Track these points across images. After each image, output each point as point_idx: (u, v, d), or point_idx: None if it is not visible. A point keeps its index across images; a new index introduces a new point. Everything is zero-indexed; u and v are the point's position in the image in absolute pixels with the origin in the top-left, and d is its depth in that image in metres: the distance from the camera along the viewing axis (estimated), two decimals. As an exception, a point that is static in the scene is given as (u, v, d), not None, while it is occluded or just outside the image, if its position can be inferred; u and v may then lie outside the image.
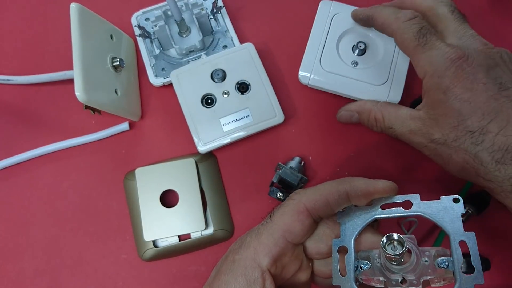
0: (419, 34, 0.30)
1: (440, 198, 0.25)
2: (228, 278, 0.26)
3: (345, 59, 0.42)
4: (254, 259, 0.26)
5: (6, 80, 0.44)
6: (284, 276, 0.28)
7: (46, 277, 0.40)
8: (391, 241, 0.23)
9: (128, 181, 0.41)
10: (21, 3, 0.48)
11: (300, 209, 0.27)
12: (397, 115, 0.33)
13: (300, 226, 0.26)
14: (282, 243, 0.26)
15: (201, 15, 0.43)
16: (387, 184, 0.27)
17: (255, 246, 0.26)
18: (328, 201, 0.27)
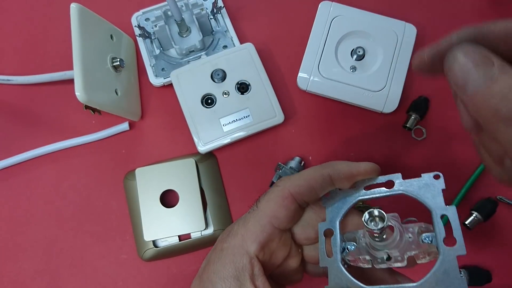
0: None
1: (421, 176, 0.25)
2: (217, 266, 0.26)
3: (344, 65, 0.42)
4: (242, 246, 0.26)
5: (6, 80, 0.44)
6: (274, 263, 0.28)
7: (46, 277, 0.40)
8: (373, 217, 0.23)
9: (128, 181, 0.41)
10: (21, 3, 0.48)
11: (285, 195, 0.27)
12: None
13: (286, 212, 0.26)
14: (269, 229, 0.26)
15: (201, 15, 0.43)
16: (369, 166, 0.27)
17: (243, 233, 0.26)
18: (312, 186, 0.27)
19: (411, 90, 0.43)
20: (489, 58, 0.18)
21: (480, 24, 0.20)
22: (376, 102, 0.41)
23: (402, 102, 0.41)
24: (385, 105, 0.41)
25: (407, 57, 0.42)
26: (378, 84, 0.41)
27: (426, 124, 0.42)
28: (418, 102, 0.42)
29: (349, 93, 0.41)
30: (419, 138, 0.42)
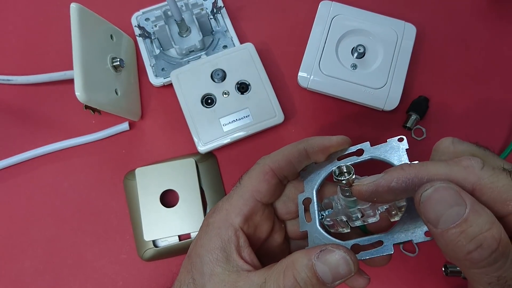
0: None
1: (387, 141, 0.27)
2: (204, 241, 0.27)
3: (344, 62, 0.42)
4: (227, 219, 0.27)
5: (6, 80, 0.44)
6: (259, 237, 0.29)
7: (46, 277, 0.40)
8: (341, 171, 0.24)
9: (128, 181, 0.41)
10: (21, 3, 0.48)
11: (266, 170, 0.28)
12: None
13: (267, 186, 0.28)
14: (252, 203, 0.27)
15: (201, 15, 0.43)
16: (341, 138, 0.28)
17: (227, 208, 0.28)
18: (289, 160, 0.28)
19: (411, 90, 0.43)
20: (462, 197, 0.19)
21: (420, 169, 0.21)
22: (377, 99, 0.41)
23: (402, 102, 0.41)
24: (386, 102, 0.41)
25: (407, 56, 0.42)
26: (379, 82, 0.41)
27: (426, 124, 0.42)
28: (418, 102, 0.42)
29: (350, 90, 0.41)
30: (419, 138, 0.42)
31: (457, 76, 0.44)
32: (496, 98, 0.43)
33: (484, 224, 0.19)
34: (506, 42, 0.45)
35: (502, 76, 0.44)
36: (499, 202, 0.20)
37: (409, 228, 0.23)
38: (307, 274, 0.23)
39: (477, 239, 0.18)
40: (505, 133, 0.42)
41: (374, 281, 0.38)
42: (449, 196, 0.19)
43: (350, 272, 0.23)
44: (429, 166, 0.22)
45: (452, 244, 0.19)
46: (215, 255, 0.26)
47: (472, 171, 0.21)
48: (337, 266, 0.23)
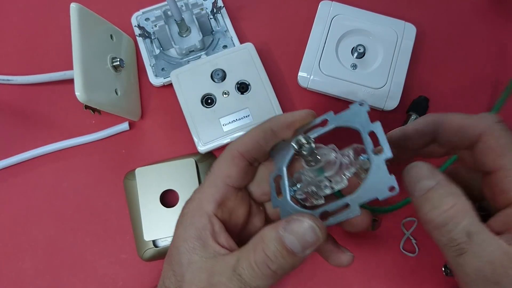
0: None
1: (349, 107, 0.27)
2: (180, 231, 0.27)
3: (344, 62, 0.42)
4: (200, 207, 0.27)
5: (6, 80, 0.44)
6: (236, 222, 0.29)
7: (46, 277, 0.40)
8: (301, 143, 0.25)
9: (128, 181, 0.41)
10: (21, 3, 0.48)
11: (234, 154, 0.28)
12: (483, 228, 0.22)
13: (237, 169, 0.28)
14: (223, 188, 0.27)
15: (201, 15, 0.43)
16: (304, 111, 0.29)
17: (199, 196, 0.28)
18: (256, 141, 0.28)
19: (411, 90, 0.43)
20: (435, 174, 0.23)
21: (441, 114, 0.25)
22: (377, 99, 0.41)
23: (402, 101, 0.41)
24: (386, 102, 0.41)
25: (407, 56, 0.42)
26: (379, 82, 0.41)
27: (426, 124, 0.42)
28: (418, 102, 0.42)
29: (350, 90, 0.41)
30: (419, 138, 0.42)
31: (457, 76, 0.44)
32: (496, 98, 0.43)
33: (445, 192, 0.22)
34: (507, 42, 0.45)
35: (502, 76, 0.44)
36: (493, 155, 0.23)
37: (373, 187, 0.23)
38: (276, 247, 0.23)
39: (436, 201, 0.22)
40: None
41: (374, 281, 0.38)
42: (424, 172, 0.23)
43: (318, 239, 0.24)
44: (449, 115, 0.25)
45: (418, 206, 0.23)
46: (191, 244, 0.26)
47: (486, 121, 0.23)
48: (304, 234, 0.23)
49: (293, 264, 0.24)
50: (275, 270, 0.24)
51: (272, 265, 0.24)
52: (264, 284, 0.24)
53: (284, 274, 0.24)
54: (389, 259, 0.39)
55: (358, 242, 0.39)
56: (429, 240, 0.39)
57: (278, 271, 0.24)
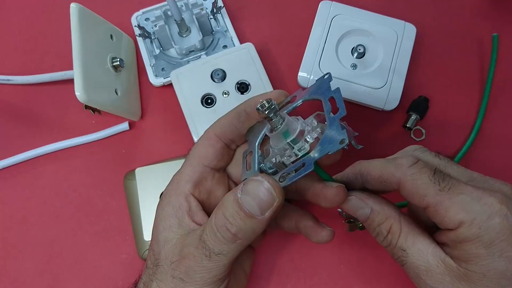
0: (436, 177, 0.24)
1: (315, 80, 0.28)
2: (159, 212, 0.28)
3: (344, 62, 0.42)
4: (177, 188, 0.28)
5: (6, 80, 0.44)
6: (214, 202, 0.29)
7: (46, 277, 0.40)
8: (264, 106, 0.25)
9: (128, 181, 0.41)
10: (21, 3, 0.48)
11: (210, 136, 0.29)
12: (418, 239, 0.26)
13: (213, 150, 0.29)
14: (200, 168, 0.29)
15: (201, 15, 0.43)
16: (276, 91, 0.30)
17: (177, 177, 0.29)
18: (231, 123, 0.29)
19: (411, 90, 0.43)
20: (365, 202, 0.27)
21: (364, 164, 0.28)
22: (377, 99, 0.41)
23: (402, 102, 0.41)
24: (386, 102, 0.41)
25: (407, 56, 0.42)
26: (379, 82, 0.41)
27: (425, 125, 0.42)
28: (418, 102, 0.42)
29: (350, 90, 0.41)
30: (418, 139, 0.42)
31: (458, 76, 0.44)
32: (496, 98, 0.43)
33: (380, 219, 0.27)
34: (507, 42, 0.45)
35: (503, 77, 0.43)
36: (417, 196, 0.25)
37: (327, 142, 0.24)
38: (234, 209, 0.24)
39: (377, 229, 0.27)
40: (505, 133, 0.42)
41: (374, 281, 0.38)
42: (355, 203, 0.28)
43: (273, 198, 0.25)
44: (371, 163, 0.28)
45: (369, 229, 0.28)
46: (168, 222, 0.27)
47: (400, 168, 0.26)
48: (258, 193, 0.24)
49: (252, 227, 0.25)
50: (235, 233, 0.24)
51: (232, 227, 0.24)
52: (227, 249, 0.25)
53: (246, 238, 0.25)
54: (389, 258, 0.38)
55: (358, 242, 0.39)
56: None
57: (238, 234, 0.24)
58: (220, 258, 0.25)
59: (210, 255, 0.25)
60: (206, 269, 0.25)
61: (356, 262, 0.38)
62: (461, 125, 0.42)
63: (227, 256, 0.25)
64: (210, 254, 0.25)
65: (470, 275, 0.23)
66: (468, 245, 0.23)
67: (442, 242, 0.25)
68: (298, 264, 0.39)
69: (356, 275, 0.38)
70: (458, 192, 0.24)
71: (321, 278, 0.38)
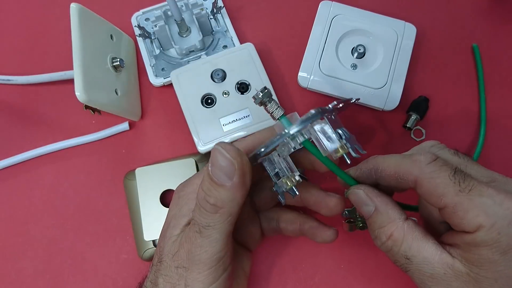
0: (457, 177, 0.24)
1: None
2: (175, 211, 0.29)
3: (344, 62, 0.42)
4: (195, 192, 0.28)
5: (6, 80, 0.44)
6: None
7: (46, 277, 0.40)
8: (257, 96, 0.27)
9: (128, 181, 0.41)
10: (21, 3, 0.48)
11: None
12: (424, 247, 0.25)
13: None
14: None
15: (201, 15, 0.43)
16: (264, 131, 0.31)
17: (197, 182, 0.29)
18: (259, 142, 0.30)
19: (411, 90, 0.43)
20: (371, 199, 0.27)
21: (379, 159, 0.27)
22: (377, 99, 0.41)
23: (402, 102, 0.41)
24: (386, 102, 0.41)
25: (407, 56, 0.42)
26: (379, 82, 0.41)
27: (425, 125, 0.42)
28: (418, 102, 0.42)
29: (350, 90, 0.41)
30: (418, 139, 0.42)
31: (457, 76, 0.44)
32: (496, 98, 0.43)
33: (382, 221, 0.26)
34: (507, 42, 0.45)
35: (503, 77, 0.44)
36: (435, 196, 0.24)
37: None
38: (208, 181, 0.26)
39: (376, 231, 0.26)
40: (505, 133, 0.42)
41: (374, 281, 0.38)
42: (362, 198, 0.27)
43: (232, 162, 0.25)
44: (386, 159, 0.27)
45: (369, 228, 0.28)
46: (179, 220, 0.28)
47: (418, 165, 0.25)
48: (219, 162, 0.25)
49: (228, 195, 0.25)
50: (214, 203, 0.25)
51: (210, 199, 0.25)
52: (213, 221, 0.26)
53: (227, 207, 0.26)
54: (389, 259, 0.39)
55: (358, 242, 0.39)
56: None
57: (217, 203, 0.25)
58: (209, 232, 0.26)
59: (200, 230, 0.26)
60: (201, 248, 0.26)
61: (356, 262, 0.38)
62: (461, 125, 0.42)
63: (215, 228, 0.26)
64: (200, 229, 0.26)
65: (481, 280, 0.23)
66: (484, 250, 0.23)
67: (453, 243, 0.25)
68: (298, 264, 0.39)
69: (356, 275, 0.38)
70: (479, 194, 0.23)
71: (321, 278, 0.38)
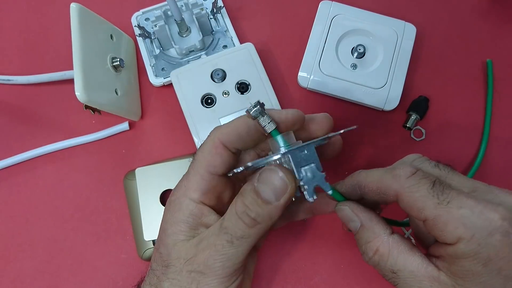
0: (435, 190, 0.24)
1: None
2: (168, 217, 0.29)
3: (344, 62, 0.42)
4: (186, 195, 0.28)
5: (6, 80, 0.44)
6: (223, 203, 0.30)
7: (46, 277, 0.40)
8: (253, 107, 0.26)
9: (128, 181, 0.41)
10: (21, 3, 0.48)
11: (216, 144, 0.29)
12: (409, 260, 0.25)
13: (220, 159, 0.28)
14: (208, 177, 0.28)
15: (201, 15, 0.43)
16: (293, 112, 0.28)
17: (185, 184, 0.29)
18: (239, 134, 0.28)
19: (411, 90, 0.43)
20: (357, 215, 0.27)
21: (362, 175, 0.27)
22: (377, 99, 0.41)
23: (402, 102, 0.41)
24: (386, 102, 0.41)
25: (407, 56, 0.42)
26: (379, 82, 0.41)
27: (425, 125, 0.42)
28: (418, 102, 0.42)
29: (350, 90, 0.41)
30: (418, 139, 0.42)
31: (457, 76, 0.44)
32: (496, 98, 0.43)
33: (368, 237, 0.27)
34: (507, 42, 0.45)
35: (503, 77, 0.44)
36: (415, 210, 0.24)
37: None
38: (252, 197, 0.26)
39: (363, 246, 0.27)
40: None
41: (374, 281, 0.38)
42: (347, 214, 0.28)
43: (286, 185, 0.25)
44: (369, 174, 0.27)
45: (357, 244, 0.28)
46: (178, 226, 0.28)
47: (398, 179, 0.25)
48: (273, 181, 0.25)
49: (269, 212, 0.26)
50: (254, 218, 0.26)
51: (251, 213, 0.26)
52: (248, 233, 0.26)
53: (264, 223, 0.26)
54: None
55: (358, 242, 0.39)
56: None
57: (257, 219, 0.26)
58: (241, 243, 0.26)
59: (232, 240, 0.26)
60: (227, 256, 0.26)
61: (356, 262, 0.38)
62: (462, 125, 0.42)
63: (248, 240, 0.26)
64: (232, 239, 0.26)
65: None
66: (466, 262, 0.23)
67: (439, 255, 0.25)
68: (298, 264, 0.39)
69: (356, 275, 0.38)
70: (458, 206, 0.23)
71: (321, 278, 0.38)
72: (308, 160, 0.27)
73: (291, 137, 0.28)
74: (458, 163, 0.41)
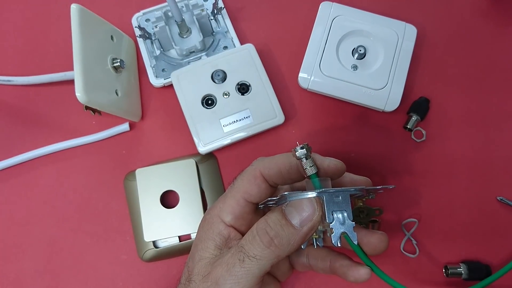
0: None
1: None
2: (201, 234, 0.30)
3: (345, 63, 0.42)
4: (219, 215, 0.30)
5: (6, 80, 0.44)
6: None
7: (46, 277, 0.40)
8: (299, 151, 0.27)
9: (129, 182, 0.41)
10: (21, 4, 0.48)
11: (256, 175, 0.30)
12: None
13: (257, 189, 0.29)
14: (243, 203, 0.29)
15: (201, 16, 0.43)
16: (338, 163, 0.29)
17: (221, 206, 0.30)
18: (280, 170, 0.29)
19: (412, 91, 0.43)
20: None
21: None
22: (378, 100, 0.41)
23: (403, 103, 0.41)
24: (386, 103, 0.41)
25: (407, 57, 0.42)
26: (379, 83, 0.41)
27: (426, 126, 0.42)
28: (418, 103, 0.42)
29: (351, 91, 0.41)
30: (418, 140, 0.42)
31: (458, 77, 0.44)
32: (497, 99, 0.43)
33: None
34: (507, 42, 0.45)
35: (503, 77, 0.43)
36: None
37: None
38: (276, 217, 0.27)
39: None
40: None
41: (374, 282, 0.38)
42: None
43: (314, 210, 0.26)
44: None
45: None
46: (206, 243, 0.29)
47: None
48: (301, 205, 0.26)
49: (289, 236, 0.26)
50: (272, 237, 0.26)
51: (271, 231, 0.26)
52: (261, 254, 0.26)
53: (281, 247, 0.26)
54: (389, 260, 0.39)
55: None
56: (429, 241, 0.39)
57: (275, 239, 0.26)
58: (251, 263, 0.26)
59: (243, 259, 0.26)
60: (237, 277, 0.26)
61: (356, 263, 0.38)
62: (462, 125, 0.42)
63: (259, 262, 0.26)
64: (243, 258, 0.26)
65: None
66: None
67: None
68: (298, 265, 0.38)
69: (356, 276, 0.38)
70: None
71: (322, 279, 0.38)
72: (341, 206, 0.27)
73: (328, 184, 0.28)
74: (458, 164, 0.41)
